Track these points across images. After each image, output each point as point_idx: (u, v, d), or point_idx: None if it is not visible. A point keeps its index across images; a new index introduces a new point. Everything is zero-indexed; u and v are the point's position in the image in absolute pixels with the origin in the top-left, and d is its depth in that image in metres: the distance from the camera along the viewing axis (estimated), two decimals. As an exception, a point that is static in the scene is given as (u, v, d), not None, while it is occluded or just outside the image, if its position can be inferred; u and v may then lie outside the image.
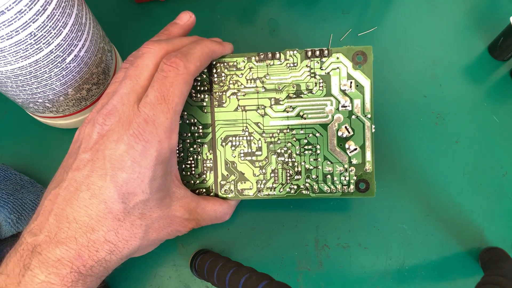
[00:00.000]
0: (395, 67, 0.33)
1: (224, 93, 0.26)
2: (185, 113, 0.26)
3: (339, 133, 0.25)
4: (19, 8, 0.20)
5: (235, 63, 0.26)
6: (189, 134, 0.26)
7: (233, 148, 0.26)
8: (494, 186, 0.30)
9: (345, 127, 0.25)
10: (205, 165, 0.26)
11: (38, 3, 0.20)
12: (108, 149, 0.21)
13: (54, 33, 0.22)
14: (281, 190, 0.26)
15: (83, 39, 0.24)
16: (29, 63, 0.22)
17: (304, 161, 0.26)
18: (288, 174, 0.26)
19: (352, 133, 0.25)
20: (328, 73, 0.25)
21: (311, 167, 0.26)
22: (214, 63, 0.26)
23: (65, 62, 0.24)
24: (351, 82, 0.25)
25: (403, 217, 0.29)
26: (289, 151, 0.26)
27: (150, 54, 0.22)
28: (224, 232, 0.29)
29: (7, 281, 0.19)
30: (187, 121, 0.26)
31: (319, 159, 0.26)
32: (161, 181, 0.22)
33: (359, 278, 0.28)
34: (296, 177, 0.26)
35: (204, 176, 0.26)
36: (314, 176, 0.26)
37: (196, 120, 0.26)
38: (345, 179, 0.25)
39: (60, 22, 0.22)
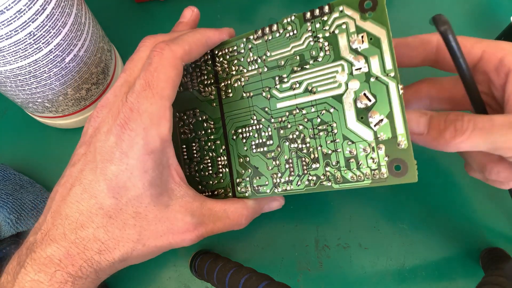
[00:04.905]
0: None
1: (229, 81, 0.24)
2: (197, 110, 0.25)
3: (358, 104, 0.20)
4: (19, 8, 0.19)
5: (235, 47, 0.24)
6: (203, 132, 0.25)
7: (244, 140, 0.24)
8: (494, 186, 0.30)
9: (364, 94, 0.20)
10: (219, 163, 0.25)
11: (38, 2, 0.20)
12: (98, 141, 0.20)
13: (54, 33, 0.22)
14: (299, 183, 0.22)
15: (83, 39, 0.24)
16: (28, 63, 0.22)
17: (320, 145, 0.21)
18: (304, 163, 0.22)
19: (374, 100, 0.19)
20: (333, 32, 0.20)
21: (329, 151, 0.21)
22: (216, 52, 0.25)
23: (65, 61, 0.24)
24: (362, 36, 0.20)
25: (403, 217, 0.29)
26: (302, 135, 0.22)
27: (145, 47, 0.22)
28: (224, 232, 0.29)
29: (8, 278, 0.19)
30: (199, 118, 0.25)
31: (337, 140, 0.20)
32: (155, 175, 0.20)
33: (359, 279, 0.28)
34: (313, 165, 0.21)
35: (220, 174, 0.25)
36: (334, 163, 0.21)
37: (207, 116, 0.25)
38: (373, 162, 0.20)
39: (59, 22, 0.22)
